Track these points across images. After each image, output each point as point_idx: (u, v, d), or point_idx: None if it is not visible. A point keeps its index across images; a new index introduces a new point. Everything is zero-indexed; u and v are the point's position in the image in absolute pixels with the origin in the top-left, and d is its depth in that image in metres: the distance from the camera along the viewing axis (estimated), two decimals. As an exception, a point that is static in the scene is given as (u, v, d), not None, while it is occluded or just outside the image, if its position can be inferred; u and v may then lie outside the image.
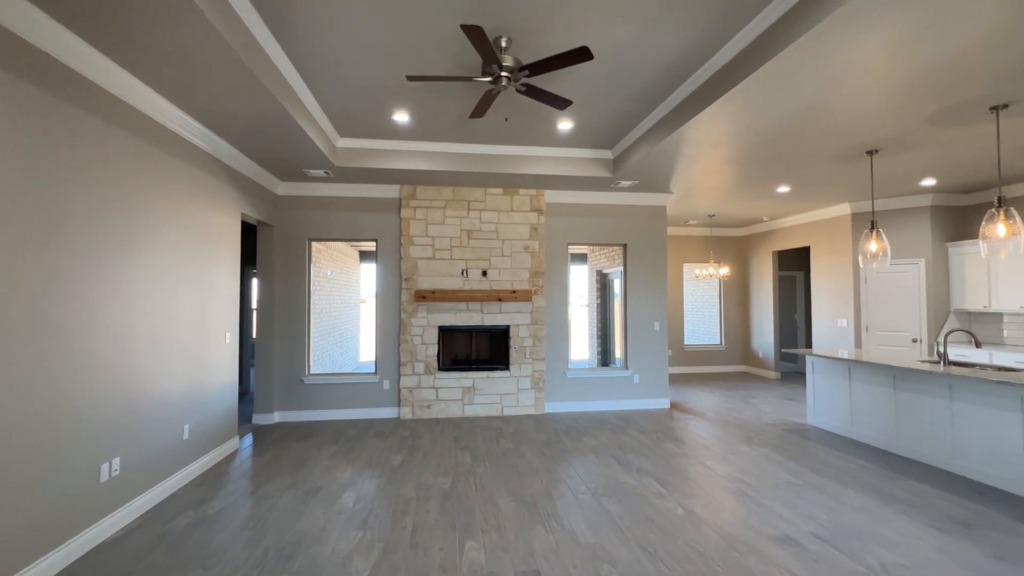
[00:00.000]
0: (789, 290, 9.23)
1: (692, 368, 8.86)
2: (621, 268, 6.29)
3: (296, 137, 3.98)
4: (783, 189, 5.91)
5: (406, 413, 5.54)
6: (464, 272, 5.68)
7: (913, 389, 4.08)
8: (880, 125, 3.79)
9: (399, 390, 5.59)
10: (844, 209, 6.70)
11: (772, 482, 3.57)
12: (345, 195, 5.59)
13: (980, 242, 3.43)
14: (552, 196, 5.94)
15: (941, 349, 4.18)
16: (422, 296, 5.44)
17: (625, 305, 6.14)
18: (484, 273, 5.71)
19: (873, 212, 4.56)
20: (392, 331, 5.64)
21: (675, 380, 8.05)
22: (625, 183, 5.55)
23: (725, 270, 7.75)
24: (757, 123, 3.71)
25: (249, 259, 7.04)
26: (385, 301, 5.65)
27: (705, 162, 4.77)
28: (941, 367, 3.89)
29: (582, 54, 2.68)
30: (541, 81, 3.58)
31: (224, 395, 4.23)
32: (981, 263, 5.68)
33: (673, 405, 6.19)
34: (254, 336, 6.99)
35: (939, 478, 3.65)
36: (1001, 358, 5.19)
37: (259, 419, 5.34)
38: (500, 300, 5.58)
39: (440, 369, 5.61)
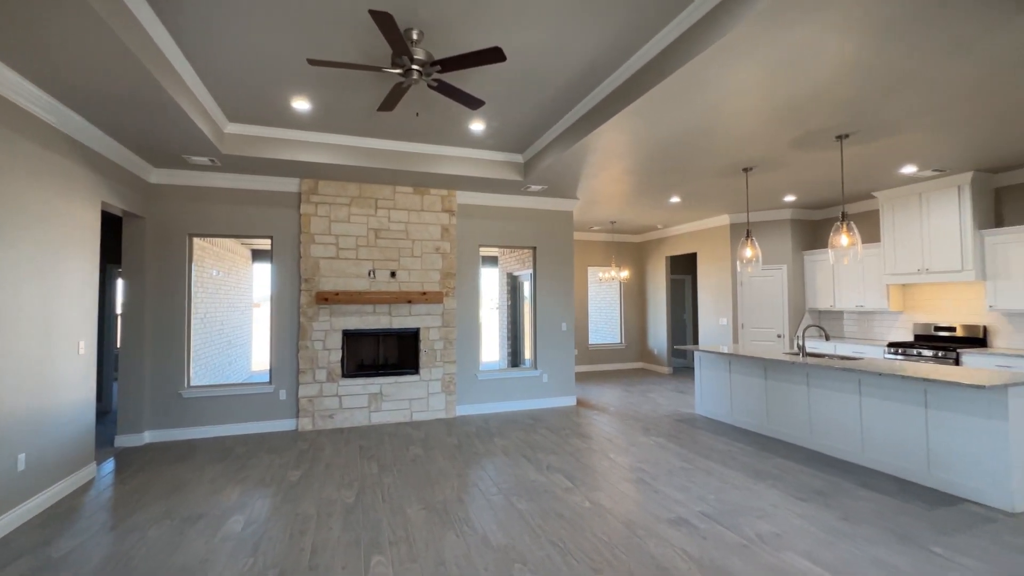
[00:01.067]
0: (679, 292, 10.11)
1: (596, 366, 9.33)
2: (531, 271, 6.43)
3: (173, 118, 3.51)
4: (675, 200, 6.46)
5: (306, 424, 5.14)
6: (371, 273, 5.43)
7: (779, 378, 4.67)
8: (754, 146, 4.29)
9: (298, 400, 5.17)
10: (724, 220, 7.51)
11: (667, 469, 3.86)
12: (235, 187, 5.06)
13: (829, 251, 4.02)
14: (464, 197, 5.91)
15: (800, 343, 4.85)
16: (324, 298, 5.10)
17: (534, 307, 6.28)
18: (393, 274, 5.50)
19: (748, 223, 5.16)
20: (290, 336, 5.21)
21: (581, 378, 8.42)
22: (535, 187, 5.69)
23: (625, 273, 8.28)
24: (653, 137, 4.01)
25: (113, 256, 6.09)
26: (282, 304, 5.21)
27: (608, 171, 5.05)
28: (800, 358, 4.50)
29: (495, 54, 2.69)
30: (454, 78, 3.54)
31: (77, 415, 3.59)
32: (828, 269, 6.69)
33: (579, 402, 6.45)
34: (118, 345, 6.05)
35: (801, 454, 4.21)
36: (844, 349, 6.14)
37: (124, 441, 4.62)
38: (410, 302, 5.41)
39: (344, 376, 5.29)
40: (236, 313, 8.45)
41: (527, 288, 8.31)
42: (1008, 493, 3.03)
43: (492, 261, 10.59)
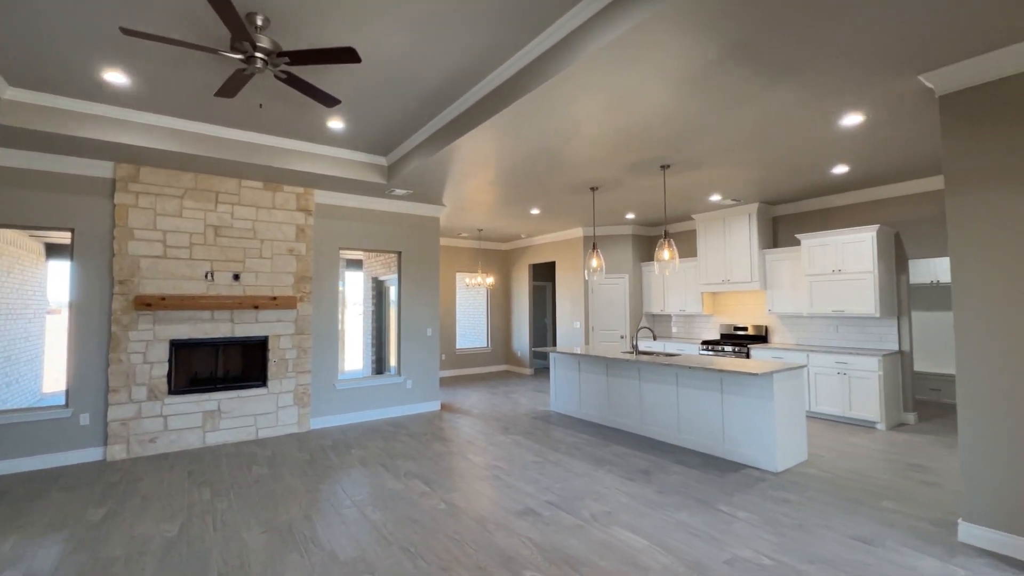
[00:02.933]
0: (542, 298, 10.80)
1: (463, 370, 9.49)
2: (396, 275, 6.33)
3: (-82, 73, 2.74)
4: (535, 211, 6.92)
5: (118, 452, 4.35)
6: (209, 275, 4.82)
7: (618, 375, 5.29)
8: (598, 168, 4.83)
9: (107, 424, 4.36)
10: (578, 232, 8.25)
11: (521, 464, 4.11)
12: (23, 166, 4.11)
13: (655, 263, 4.70)
14: (324, 197, 5.59)
15: (634, 342, 5.57)
16: (147, 303, 4.39)
17: (399, 312, 6.19)
18: (236, 277, 4.96)
19: (594, 236, 5.76)
20: (97, 349, 4.37)
21: (448, 382, 8.49)
22: (400, 191, 5.63)
23: (491, 280, 8.59)
24: (513, 151, 4.27)
25: None
26: (86, 310, 4.35)
27: (474, 180, 5.23)
28: (634, 356, 5.16)
29: (348, 54, 2.64)
30: (309, 73, 3.36)
31: None
32: (659, 278, 7.77)
33: (444, 407, 6.51)
34: None
35: (635, 440, 4.81)
36: (670, 347, 7.18)
37: None
38: (257, 308, 4.93)
39: (172, 392, 4.61)
40: (22, 322, 6.81)
41: (393, 293, 8.14)
42: (772, 457, 3.86)
43: (357, 265, 10.13)
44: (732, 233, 6.61)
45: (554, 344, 10.66)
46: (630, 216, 7.24)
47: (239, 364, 5.07)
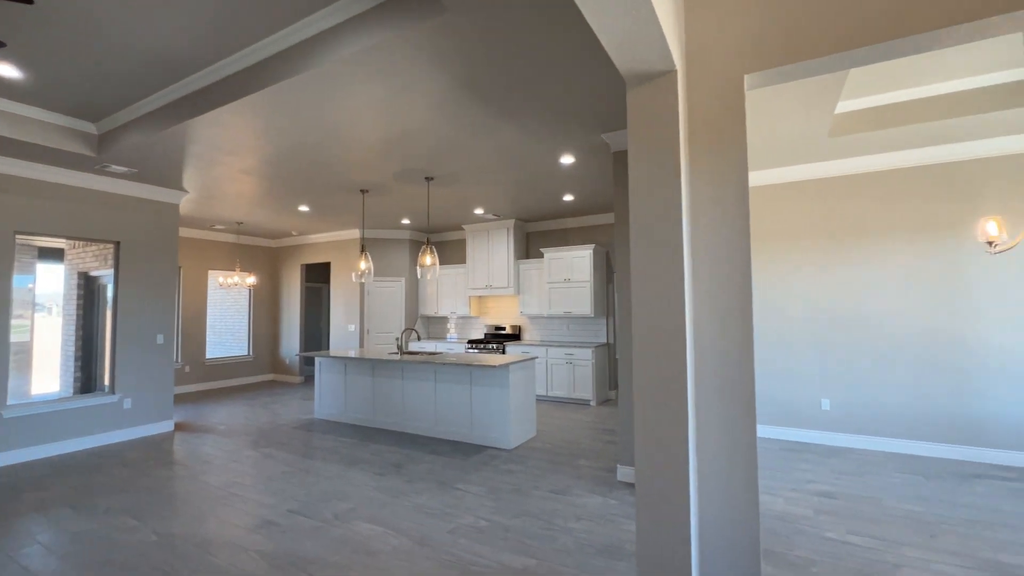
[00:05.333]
0: (316, 300, 10.18)
1: (217, 383, 8.24)
2: (113, 270, 5.14)
3: None
4: (305, 208, 6.53)
5: None
6: None
7: (384, 375, 5.41)
8: (366, 172, 4.88)
9: None
10: (355, 233, 8.11)
11: (267, 477, 3.84)
12: None
13: (419, 268, 5.00)
14: (-14, 162, 4.19)
15: (399, 343, 5.79)
16: None
17: (115, 315, 5.05)
18: None
19: (363, 238, 5.79)
20: None
21: (192, 398, 7.25)
22: (119, 168, 4.62)
23: (252, 279, 7.71)
24: (270, 142, 3.99)
25: None
26: None
27: (222, 167, 4.65)
28: (399, 356, 5.36)
29: (9, -7, 2.10)
30: (-56, -4, 2.52)
31: None
32: (433, 282, 8.22)
33: (180, 426, 5.56)
34: None
35: (396, 438, 4.99)
36: (442, 347, 7.67)
37: None
38: None
39: None
40: None
41: (110, 292, 6.56)
42: (508, 437, 4.53)
43: (57, 256, 7.80)
44: (494, 244, 7.46)
45: (328, 349, 10.15)
46: (406, 221, 7.47)
47: None
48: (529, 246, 7.73)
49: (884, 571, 2.42)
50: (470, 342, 7.34)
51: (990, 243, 2.78)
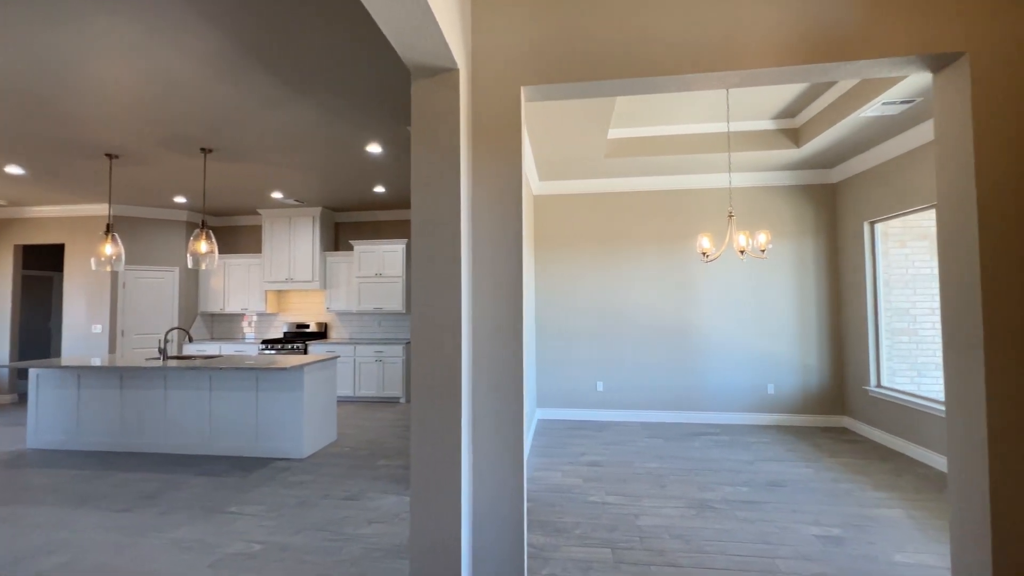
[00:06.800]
0: (44, 294, 7.78)
1: None
2: None
3: None
4: (17, 171, 4.88)
5: None
6: None
7: (138, 386, 4.40)
8: (114, 132, 3.86)
9: None
10: (103, 209, 6.42)
11: (-77, 540, 2.74)
12: None
13: (188, 255, 4.19)
14: None
15: (161, 347, 4.77)
16: None
17: None
18: None
19: (110, 216, 4.63)
20: None
21: None
22: None
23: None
24: (-74, 71, 2.82)
25: None
26: None
27: None
28: (160, 363, 4.42)
29: None
30: None
31: None
32: (219, 273, 7.04)
33: None
34: None
35: (152, 461, 4.09)
36: (228, 349, 6.61)
37: None
38: None
39: None
40: None
41: None
42: (300, 445, 4.13)
43: None
44: (297, 233, 6.75)
45: (59, 356, 7.87)
46: (181, 200, 6.21)
47: None
48: (338, 237, 7.21)
49: (629, 522, 2.91)
50: (265, 342, 6.50)
51: (704, 254, 3.60)
